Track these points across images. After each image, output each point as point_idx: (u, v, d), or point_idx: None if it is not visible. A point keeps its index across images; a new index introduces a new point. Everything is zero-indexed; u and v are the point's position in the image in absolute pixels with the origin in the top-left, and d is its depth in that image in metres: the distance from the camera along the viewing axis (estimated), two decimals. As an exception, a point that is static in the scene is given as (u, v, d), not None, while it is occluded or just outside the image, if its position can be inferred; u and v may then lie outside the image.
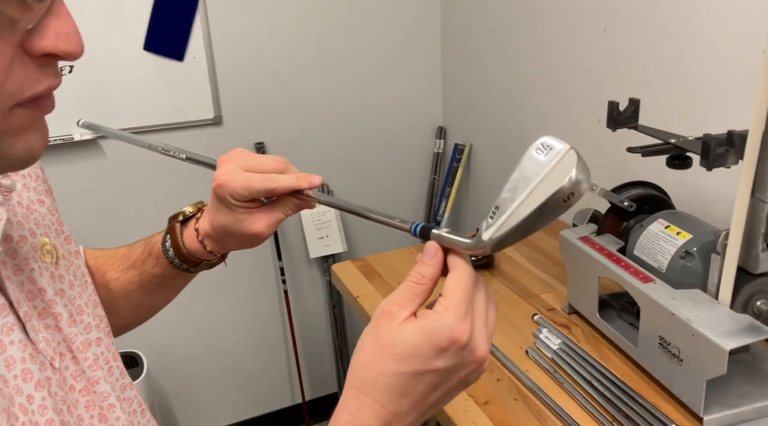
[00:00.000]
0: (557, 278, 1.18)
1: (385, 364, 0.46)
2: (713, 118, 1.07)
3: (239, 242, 0.65)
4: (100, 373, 0.53)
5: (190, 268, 0.69)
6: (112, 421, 0.53)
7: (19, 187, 0.55)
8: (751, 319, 0.78)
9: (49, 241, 0.54)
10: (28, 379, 0.44)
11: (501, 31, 1.64)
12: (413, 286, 0.48)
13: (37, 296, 0.50)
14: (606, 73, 1.32)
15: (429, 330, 0.45)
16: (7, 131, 0.39)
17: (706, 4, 1.07)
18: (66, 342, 0.51)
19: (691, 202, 1.05)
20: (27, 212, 0.53)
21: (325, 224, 1.90)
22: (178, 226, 0.68)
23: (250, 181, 0.59)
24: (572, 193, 0.44)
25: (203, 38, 1.66)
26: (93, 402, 0.51)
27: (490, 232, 0.46)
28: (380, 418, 0.46)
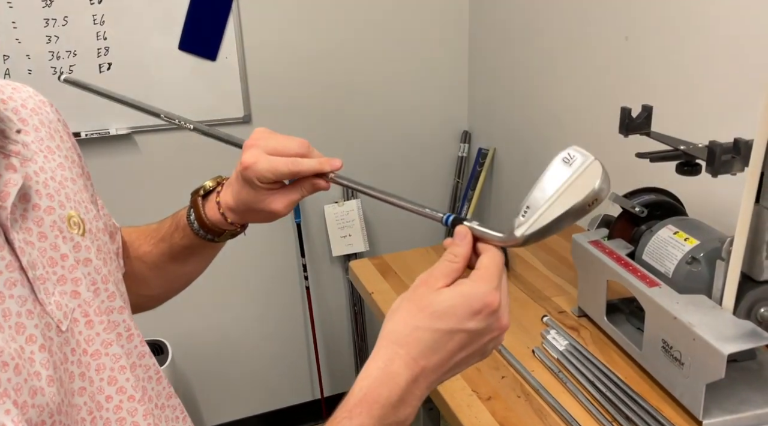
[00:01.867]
0: (570, 282, 1.19)
1: (422, 320, 0.51)
2: (732, 125, 1.07)
3: (258, 217, 0.70)
4: (113, 336, 0.57)
5: (214, 238, 0.74)
6: (121, 382, 0.56)
7: (55, 165, 0.59)
8: (753, 325, 0.79)
9: (77, 214, 0.58)
10: (21, 331, 0.47)
11: (526, 38, 1.66)
12: (448, 264, 0.54)
13: (58, 262, 0.54)
14: (626, 80, 1.33)
15: (465, 293, 0.51)
16: None
17: (724, 16, 1.07)
18: (82, 307, 0.55)
19: (704, 209, 1.06)
20: (59, 187, 0.58)
21: (348, 224, 1.94)
22: (200, 200, 0.72)
23: (276, 165, 0.63)
24: (596, 199, 0.50)
25: (236, 39, 1.71)
26: (104, 365, 0.55)
27: (523, 228, 0.53)
28: (411, 369, 0.51)
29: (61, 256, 0.54)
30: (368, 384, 0.51)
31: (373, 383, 0.50)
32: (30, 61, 1.57)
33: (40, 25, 1.56)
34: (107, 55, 1.62)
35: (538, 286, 1.20)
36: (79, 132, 1.66)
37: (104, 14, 1.59)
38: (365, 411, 0.50)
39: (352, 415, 0.50)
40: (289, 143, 0.65)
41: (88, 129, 1.66)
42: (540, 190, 0.53)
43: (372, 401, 0.50)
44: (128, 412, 0.56)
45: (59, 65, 1.60)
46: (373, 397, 0.50)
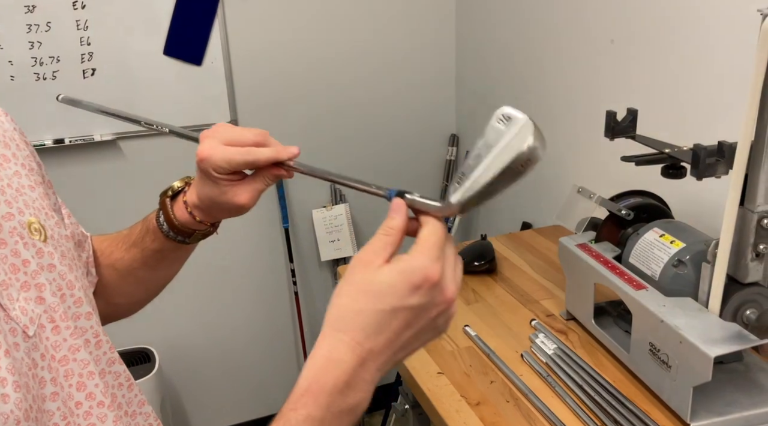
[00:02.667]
0: (558, 285, 1.19)
1: (363, 303, 0.49)
2: (717, 128, 1.08)
3: (225, 212, 0.69)
4: (80, 342, 0.56)
5: (185, 239, 0.73)
6: (90, 388, 0.55)
7: (11, 173, 0.59)
8: (739, 328, 0.79)
9: (37, 220, 0.57)
10: None
11: (513, 42, 1.66)
12: (383, 238, 0.52)
13: (20, 269, 0.53)
14: (612, 83, 1.33)
15: (404, 270, 0.49)
16: None
17: (709, 19, 1.08)
18: (48, 312, 0.54)
19: (689, 212, 1.06)
20: (17, 194, 0.57)
21: (337, 228, 1.94)
22: (168, 201, 0.72)
23: (231, 155, 0.63)
24: (529, 159, 0.49)
25: (221, 43, 1.70)
26: (72, 370, 0.54)
27: (458, 195, 0.51)
28: (356, 354, 0.49)
29: (22, 261, 0.53)
30: (313, 373, 0.49)
31: (318, 372, 0.49)
32: (12, 68, 1.56)
33: (23, 31, 1.54)
34: (91, 60, 1.61)
35: (527, 290, 1.20)
36: (63, 138, 1.64)
37: (88, 19, 1.58)
38: (311, 401, 0.48)
39: (298, 407, 0.48)
40: (245, 133, 0.64)
41: (72, 135, 1.65)
42: (474, 155, 0.51)
43: (317, 390, 0.49)
44: (98, 418, 0.55)
45: (42, 71, 1.58)
46: (319, 386, 0.49)
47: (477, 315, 1.12)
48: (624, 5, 1.27)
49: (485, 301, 1.17)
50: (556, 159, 1.57)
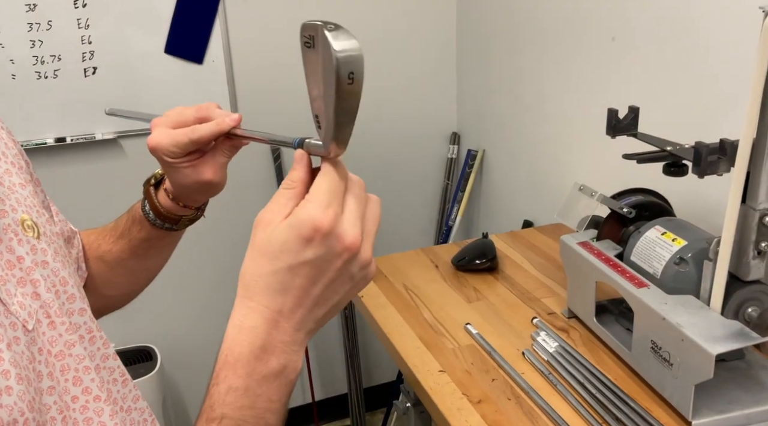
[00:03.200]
0: (560, 283, 1.19)
1: (262, 266, 0.48)
2: (718, 126, 1.08)
3: (200, 193, 0.69)
4: (75, 337, 0.56)
5: (173, 226, 0.73)
6: (86, 383, 0.55)
7: (2, 171, 0.59)
8: (741, 325, 0.79)
9: (29, 217, 0.58)
10: (1, 339, 0.47)
11: (514, 40, 1.66)
12: (284, 192, 0.50)
13: (15, 265, 0.53)
14: (613, 81, 1.33)
15: (293, 224, 0.47)
16: None
17: (710, 17, 1.08)
18: (44, 308, 0.54)
19: (691, 210, 1.06)
20: (8, 191, 0.58)
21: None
22: (152, 190, 0.72)
23: (176, 137, 0.63)
24: (351, 72, 0.44)
25: (222, 42, 1.70)
26: (68, 365, 0.54)
27: (323, 136, 0.49)
28: (265, 318, 0.48)
29: (17, 258, 0.54)
30: (227, 345, 0.48)
31: (231, 343, 0.48)
32: (14, 66, 1.56)
33: (24, 30, 1.54)
34: (92, 59, 1.61)
35: (528, 288, 1.20)
36: (64, 137, 1.64)
37: (89, 18, 1.58)
38: (230, 373, 0.47)
39: (219, 381, 0.47)
40: (187, 111, 0.64)
41: (74, 134, 1.65)
42: (315, 95, 0.48)
43: (234, 361, 0.48)
44: (95, 413, 0.55)
45: (43, 70, 1.58)
46: (234, 357, 0.48)
47: (478, 313, 1.12)
48: (625, 3, 1.27)
49: (487, 299, 1.17)
50: (558, 157, 1.56)
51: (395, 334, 1.07)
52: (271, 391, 0.48)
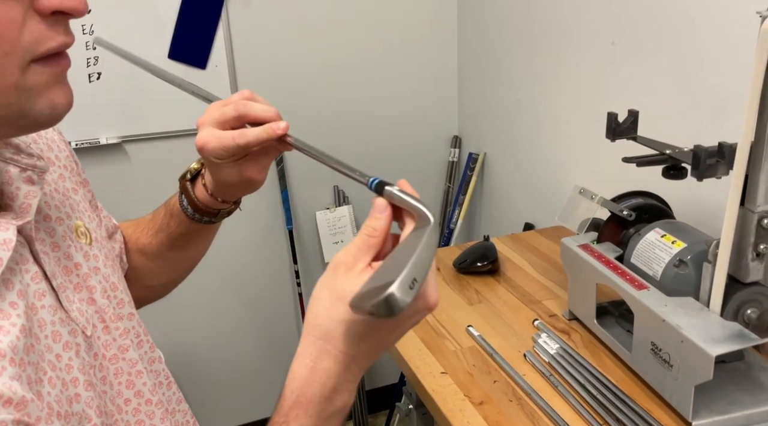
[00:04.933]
0: (560, 285, 1.20)
1: (343, 313, 0.48)
2: (717, 129, 1.09)
3: (240, 189, 0.70)
4: (129, 342, 0.57)
5: (211, 219, 0.74)
6: (139, 386, 0.57)
7: (56, 176, 0.60)
8: (740, 327, 0.80)
9: (83, 224, 0.59)
10: (57, 340, 0.48)
11: (514, 44, 1.67)
12: (366, 239, 0.50)
13: (73, 271, 0.55)
14: (613, 84, 1.34)
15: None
16: (30, 88, 0.43)
17: (709, 21, 1.09)
18: (99, 313, 0.55)
19: (690, 212, 1.07)
20: (63, 198, 0.59)
21: (340, 230, 1.95)
22: (189, 185, 0.72)
23: (224, 141, 0.63)
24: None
25: (225, 47, 1.72)
26: (122, 369, 0.56)
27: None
28: (339, 362, 0.49)
29: (75, 264, 0.55)
30: (299, 385, 0.49)
31: (304, 383, 0.49)
32: (19, 72, 1.57)
33: (29, 36, 1.55)
34: (96, 64, 1.62)
35: (529, 290, 1.21)
36: (69, 141, 1.65)
37: (93, 24, 1.59)
38: (302, 412, 0.49)
39: (289, 420, 0.49)
40: (226, 111, 0.63)
41: (78, 138, 1.66)
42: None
43: (306, 402, 0.49)
44: (146, 415, 0.57)
45: (48, 75, 1.59)
46: (307, 398, 0.49)
47: (480, 315, 1.13)
48: (625, 7, 1.27)
49: (488, 301, 1.18)
50: (558, 160, 1.57)
51: (397, 337, 1.08)
52: (332, 425, 0.51)
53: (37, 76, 0.43)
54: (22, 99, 0.42)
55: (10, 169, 0.50)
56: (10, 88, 0.42)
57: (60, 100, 0.45)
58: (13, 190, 0.50)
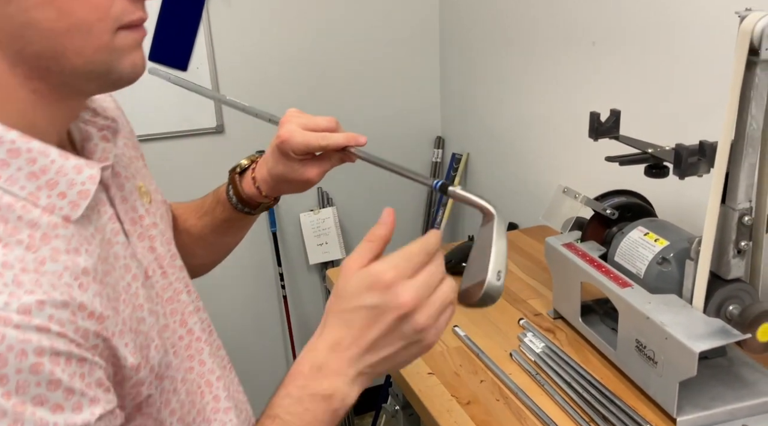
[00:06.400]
0: (545, 284, 1.21)
1: (335, 305, 0.57)
2: (698, 128, 1.10)
3: (293, 187, 0.79)
4: (181, 286, 0.67)
5: (251, 210, 0.83)
6: (190, 325, 0.66)
7: (122, 144, 0.69)
8: (722, 323, 0.81)
9: (144, 185, 0.68)
10: (128, 271, 0.57)
11: (496, 45, 1.68)
12: (366, 245, 0.58)
13: (137, 222, 0.63)
14: (595, 84, 1.35)
15: (362, 273, 0.56)
16: (118, 49, 0.52)
17: (689, 21, 1.10)
18: (158, 260, 0.64)
19: (672, 210, 1.08)
20: (129, 161, 0.68)
21: (324, 231, 1.94)
22: (237, 177, 0.82)
23: (308, 138, 0.73)
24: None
25: (206, 48, 1.70)
26: (176, 309, 0.65)
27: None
28: (327, 344, 0.57)
29: (139, 216, 0.64)
30: (297, 361, 0.58)
31: (299, 360, 0.58)
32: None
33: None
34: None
35: (514, 289, 1.21)
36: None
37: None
38: (290, 382, 0.57)
39: (282, 387, 0.57)
40: (319, 120, 0.75)
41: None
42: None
43: (297, 373, 0.57)
44: (197, 351, 0.66)
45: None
46: (298, 370, 0.57)
47: (466, 315, 1.13)
48: (605, 7, 1.29)
49: (474, 301, 1.18)
50: (542, 160, 1.58)
51: (384, 338, 1.08)
52: (318, 410, 0.56)
53: (123, 39, 0.53)
54: (112, 57, 0.52)
55: (89, 129, 0.61)
56: (102, 47, 0.51)
57: (139, 62, 0.55)
58: (92, 146, 0.60)
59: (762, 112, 0.77)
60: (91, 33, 0.50)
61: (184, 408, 0.62)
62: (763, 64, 0.75)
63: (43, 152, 0.51)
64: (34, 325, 0.44)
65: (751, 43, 0.74)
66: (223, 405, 0.67)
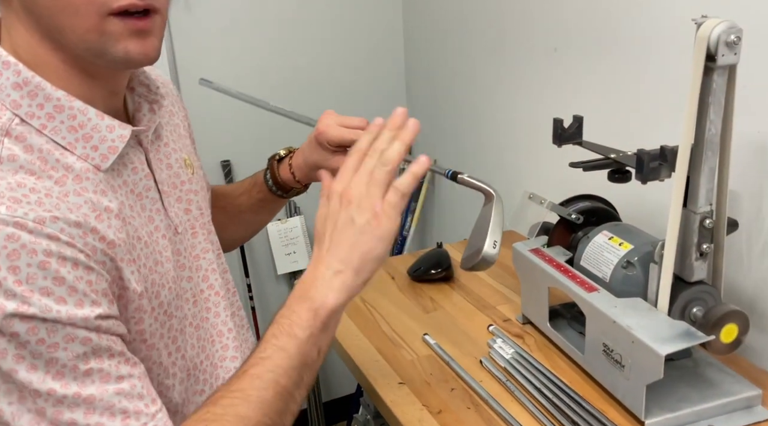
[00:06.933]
0: (514, 290, 1.21)
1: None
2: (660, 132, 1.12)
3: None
4: (209, 246, 0.78)
5: (283, 193, 0.96)
6: (212, 281, 0.77)
7: (176, 121, 0.82)
8: (687, 325, 0.82)
9: (188, 157, 0.80)
10: (152, 222, 0.69)
11: (460, 53, 1.69)
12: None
13: (178, 186, 0.75)
14: (558, 90, 1.37)
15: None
16: (108, 34, 0.59)
17: (649, 27, 1.12)
18: (191, 221, 0.76)
19: (636, 214, 1.10)
20: (177, 137, 0.80)
21: (292, 241, 1.92)
22: (276, 163, 0.96)
23: (342, 132, 0.83)
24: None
25: (167, 53, 1.68)
26: (201, 266, 0.76)
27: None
28: (312, 260, 0.67)
29: (180, 182, 0.76)
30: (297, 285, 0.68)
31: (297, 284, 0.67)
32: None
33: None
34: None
35: (483, 296, 1.21)
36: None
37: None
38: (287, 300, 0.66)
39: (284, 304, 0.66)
40: (352, 119, 0.85)
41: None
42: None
43: (291, 293, 0.67)
44: (214, 304, 0.77)
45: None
46: (293, 291, 0.67)
47: (435, 323, 1.12)
48: (566, 14, 1.30)
49: (443, 308, 1.18)
50: (507, 166, 1.59)
51: (353, 348, 1.07)
52: (302, 311, 0.64)
53: (114, 26, 0.58)
54: (103, 40, 0.59)
55: (141, 101, 0.73)
56: (91, 29, 0.58)
57: (134, 50, 0.60)
58: (140, 116, 0.72)
59: (720, 117, 0.79)
60: (78, 13, 0.57)
61: (193, 349, 0.73)
62: (720, 70, 0.76)
63: (82, 111, 0.62)
64: (45, 233, 0.54)
65: (708, 50, 0.75)
66: (230, 354, 0.78)
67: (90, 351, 0.56)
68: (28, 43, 0.60)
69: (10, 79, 0.59)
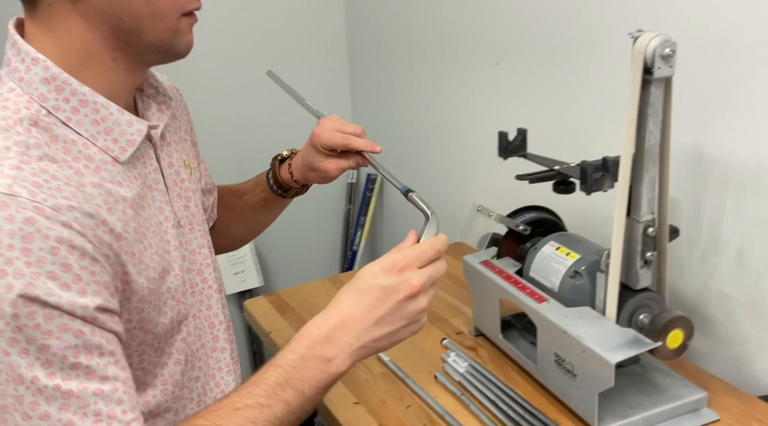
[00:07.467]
0: (465, 302, 1.21)
1: (350, 285, 0.68)
2: (602, 144, 1.14)
3: (317, 177, 0.97)
4: (205, 242, 0.82)
5: (284, 193, 1.01)
6: (206, 275, 0.81)
7: (177, 125, 0.85)
8: (635, 333, 0.83)
9: (187, 158, 0.83)
10: (161, 213, 0.73)
11: (404, 66, 1.70)
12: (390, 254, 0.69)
13: (179, 184, 0.79)
14: (501, 104, 1.39)
15: (380, 259, 0.67)
16: (179, 31, 0.68)
17: (587, 40, 1.15)
18: (190, 217, 0.80)
19: (582, 224, 1.11)
20: (179, 139, 0.84)
21: (240, 259, 1.88)
22: (277, 164, 1.01)
23: (334, 137, 0.90)
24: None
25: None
26: (196, 260, 0.80)
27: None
28: (338, 316, 0.66)
29: (181, 180, 0.79)
30: (307, 325, 0.66)
31: (308, 326, 0.66)
32: None
33: None
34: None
35: (435, 309, 1.21)
36: None
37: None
38: (297, 341, 0.65)
39: (289, 343, 0.65)
40: (349, 125, 0.92)
41: None
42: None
43: (305, 335, 0.65)
44: (207, 297, 0.81)
45: None
46: (306, 333, 0.66)
47: (388, 339, 1.11)
48: (506, 28, 1.32)
49: (396, 324, 1.16)
50: (455, 179, 1.60)
51: (306, 369, 1.04)
52: (316, 370, 0.64)
53: (183, 24, 0.69)
54: (175, 36, 0.68)
55: (150, 102, 0.78)
56: (170, 28, 0.67)
57: (191, 41, 0.71)
58: (149, 114, 0.77)
59: (659, 128, 0.81)
60: (164, 17, 0.66)
61: (190, 337, 0.76)
62: (656, 82, 0.78)
63: (105, 106, 0.66)
64: (60, 220, 0.57)
65: (644, 63, 0.77)
66: (220, 345, 0.83)
67: (81, 345, 0.57)
68: (82, 38, 0.65)
69: (38, 74, 0.64)
